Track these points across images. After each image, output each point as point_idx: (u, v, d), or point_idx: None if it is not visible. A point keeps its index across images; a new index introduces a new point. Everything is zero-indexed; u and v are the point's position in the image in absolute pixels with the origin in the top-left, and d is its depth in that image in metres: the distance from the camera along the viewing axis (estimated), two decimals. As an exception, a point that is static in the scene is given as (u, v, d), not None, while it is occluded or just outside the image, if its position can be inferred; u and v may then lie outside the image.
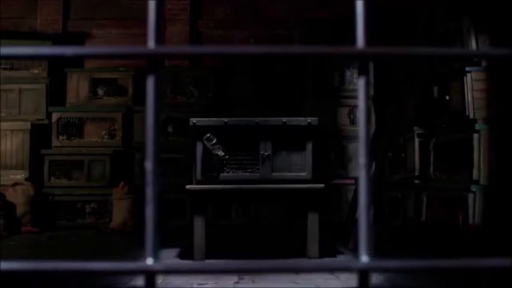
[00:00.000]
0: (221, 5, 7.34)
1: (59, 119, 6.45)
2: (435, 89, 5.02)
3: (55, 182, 6.38)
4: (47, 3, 7.13)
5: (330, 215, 6.28)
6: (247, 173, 3.97)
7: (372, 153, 6.51)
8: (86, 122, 6.52)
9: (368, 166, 0.62)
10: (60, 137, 6.46)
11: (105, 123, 6.52)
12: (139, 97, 6.66)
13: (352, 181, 6.63)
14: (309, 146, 4.02)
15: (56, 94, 6.58)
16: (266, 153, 3.99)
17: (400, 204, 5.84)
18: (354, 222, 5.50)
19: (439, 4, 5.34)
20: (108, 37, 7.24)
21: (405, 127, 5.85)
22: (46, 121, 6.48)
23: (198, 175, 3.97)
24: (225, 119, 4.02)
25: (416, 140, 5.53)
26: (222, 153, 3.99)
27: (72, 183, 6.41)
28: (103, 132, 6.50)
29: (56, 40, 6.81)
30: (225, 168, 4.03)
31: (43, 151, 6.38)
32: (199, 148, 3.99)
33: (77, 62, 6.87)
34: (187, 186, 4.01)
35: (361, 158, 0.63)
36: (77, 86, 6.59)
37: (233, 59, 6.91)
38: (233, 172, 4.03)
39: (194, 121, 3.98)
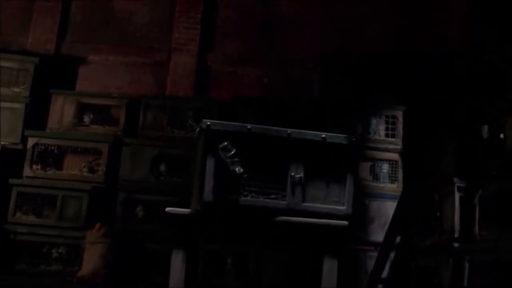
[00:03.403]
0: (234, 39, 6.81)
1: (35, 145, 5.72)
2: (485, 128, 4.25)
3: (20, 218, 5.56)
4: (42, 21, 6.63)
5: (346, 285, 5.31)
6: (271, 200, 3.14)
7: (400, 216, 5.68)
8: (67, 151, 5.78)
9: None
10: (34, 166, 5.70)
11: (88, 155, 5.77)
12: (131, 128, 5.96)
13: (373, 248, 5.75)
14: (351, 172, 3.22)
15: (36, 117, 5.90)
16: (297, 175, 3.18)
17: (433, 274, 4.91)
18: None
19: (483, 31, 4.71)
20: (105, 64, 6.67)
21: (441, 181, 5.05)
22: (20, 146, 5.77)
23: (208, 196, 3.12)
24: (248, 125, 3.24)
25: (456, 195, 4.73)
26: (241, 170, 3.17)
27: (41, 221, 5.59)
28: (84, 165, 5.72)
29: (46, 61, 6.21)
30: (242, 191, 3.20)
31: (12, 181, 5.60)
32: (210, 160, 3.16)
33: (68, 84, 6.26)
34: (167, 209, 3.21)
35: None
36: (61, 110, 5.92)
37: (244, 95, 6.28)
38: (251, 196, 3.20)
39: (208, 123, 3.20)
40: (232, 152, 3.14)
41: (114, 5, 6.87)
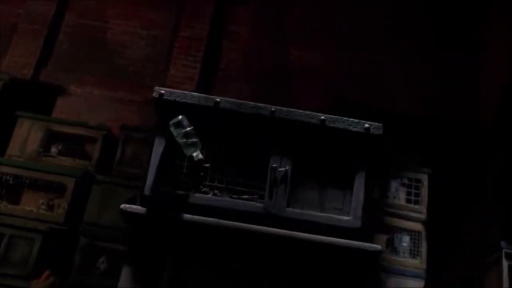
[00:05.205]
0: (238, 82, 6.13)
1: (-12, 172, 4.81)
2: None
3: (-46, 259, 4.53)
4: (23, 44, 5.98)
5: None
6: (241, 201, 2.28)
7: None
8: (25, 184, 4.86)
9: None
10: (-18, 198, 4.76)
11: (50, 190, 4.84)
12: (106, 165, 5.07)
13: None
14: (362, 171, 2.35)
15: (-6, 141, 5.06)
16: (281, 169, 2.32)
17: None
18: None
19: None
20: (88, 97, 5.93)
21: (483, 248, 4.11)
22: (-30, 172, 4.87)
23: (148, 189, 2.27)
24: (217, 98, 2.45)
25: (504, 263, 3.80)
26: (200, 156, 2.32)
27: (-21, 264, 4.54)
28: (42, 201, 4.77)
29: (19, 85, 5.47)
30: (200, 186, 2.34)
31: (-48, 212, 4.64)
32: (160, 141, 2.35)
33: (42, 114, 5.42)
34: (122, 206, 2.33)
35: None
36: (26, 136, 5.11)
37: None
38: (214, 194, 2.34)
39: (162, 91, 2.44)
40: (188, 129, 2.29)
41: (107, 37, 6.25)
